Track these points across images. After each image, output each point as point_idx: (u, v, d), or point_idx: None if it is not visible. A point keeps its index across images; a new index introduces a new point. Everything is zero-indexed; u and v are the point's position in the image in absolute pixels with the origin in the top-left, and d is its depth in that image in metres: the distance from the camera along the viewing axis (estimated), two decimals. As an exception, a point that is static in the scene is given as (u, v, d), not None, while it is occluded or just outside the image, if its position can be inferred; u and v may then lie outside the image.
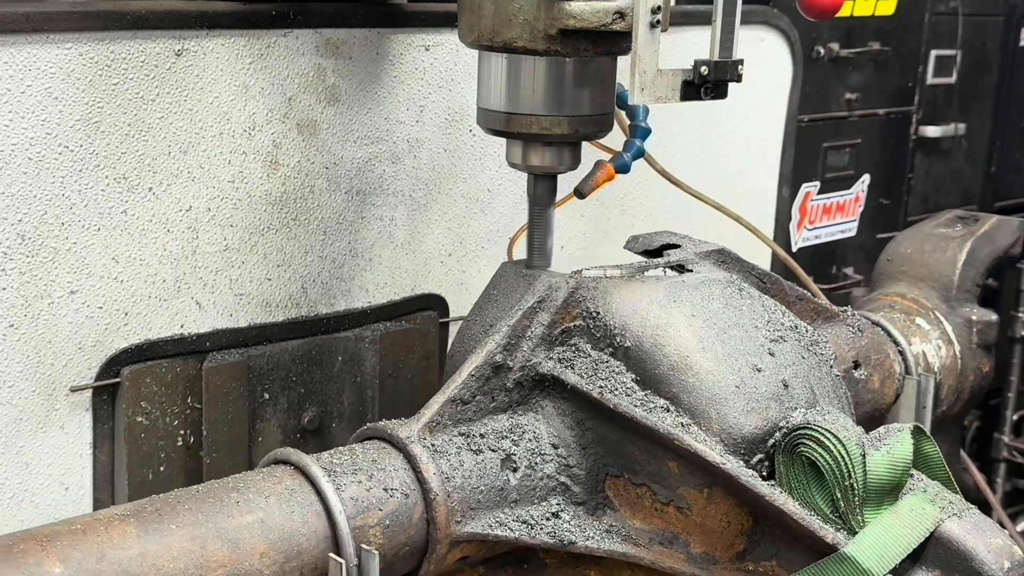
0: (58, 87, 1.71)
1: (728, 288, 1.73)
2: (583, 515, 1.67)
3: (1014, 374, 3.85)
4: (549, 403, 1.69)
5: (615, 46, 1.72)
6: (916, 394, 2.14)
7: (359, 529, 1.50)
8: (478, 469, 1.61)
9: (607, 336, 1.66)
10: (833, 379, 1.74)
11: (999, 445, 3.90)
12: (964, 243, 2.30)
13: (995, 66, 3.69)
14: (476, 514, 1.59)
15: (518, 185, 2.28)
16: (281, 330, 2.03)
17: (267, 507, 1.47)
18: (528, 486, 1.64)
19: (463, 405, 1.64)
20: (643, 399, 1.61)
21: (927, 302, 2.28)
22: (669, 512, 1.62)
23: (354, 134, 2.06)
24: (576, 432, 1.67)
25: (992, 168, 3.78)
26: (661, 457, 1.60)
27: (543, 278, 1.71)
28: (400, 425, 1.60)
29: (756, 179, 2.90)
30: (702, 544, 1.61)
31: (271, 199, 1.98)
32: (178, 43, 1.82)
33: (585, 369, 1.65)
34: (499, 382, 1.66)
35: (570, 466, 1.67)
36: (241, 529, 1.44)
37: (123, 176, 1.80)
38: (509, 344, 1.66)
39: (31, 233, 1.73)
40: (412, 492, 1.56)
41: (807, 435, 1.56)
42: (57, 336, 1.78)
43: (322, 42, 1.98)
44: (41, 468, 1.81)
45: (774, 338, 1.68)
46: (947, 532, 1.50)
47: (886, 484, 1.52)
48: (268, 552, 1.44)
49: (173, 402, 1.90)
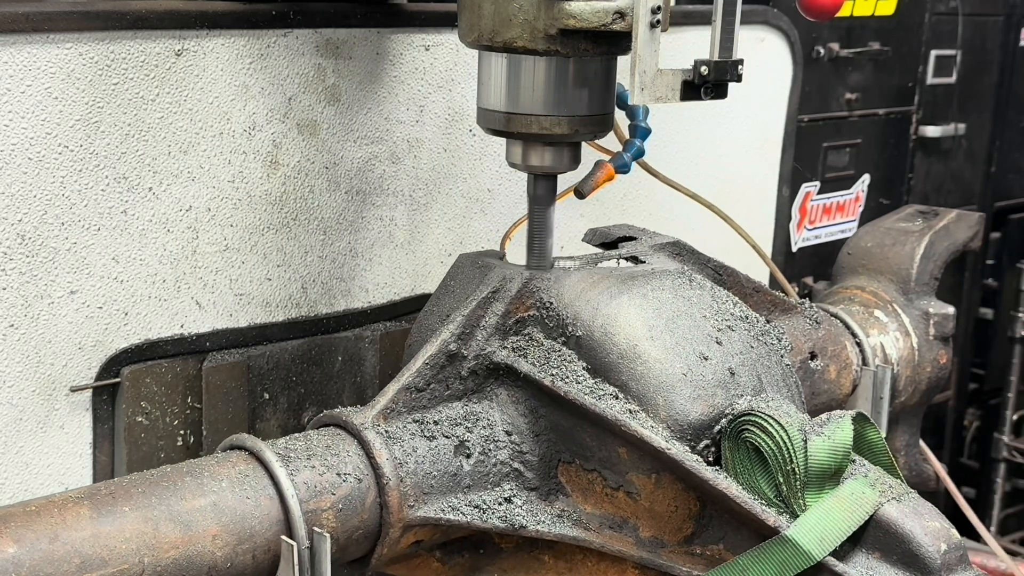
0: (58, 87, 1.71)
1: (678, 279, 1.77)
2: (535, 500, 1.70)
3: (1014, 374, 3.86)
4: (503, 391, 1.72)
5: (615, 46, 1.72)
6: (873, 385, 2.18)
7: (312, 513, 1.53)
8: (431, 455, 1.64)
9: (559, 326, 1.70)
10: (783, 368, 1.78)
11: (999, 445, 3.91)
12: (922, 237, 2.34)
13: (995, 66, 3.69)
14: (429, 499, 1.63)
15: (518, 185, 2.28)
16: (281, 330, 2.03)
17: (220, 490, 1.50)
18: (481, 472, 1.68)
19: (417, 393, 1.67)
20: (593, 387, 1.64)
21: (885, 295, 2.31)
22: (619, 497, 1.66)
23: (354, 134, 2.06)
24: (529, 419, 1.71)
25: (992, 168, 3.78)
26: (611, 443, 1.64)
27: (497, 269, 1.76)
28: (355, 412, 1.64)
29: (756, 179, 2.90)
30: (651, 528, 1.65)
31: (271, 199, 1.98)
32: (178, 43, 1.82)
33: (538, 358, 1.69)
34: (453, 370, 1.70)
35: (523, 452, 1.71)
36: (194, 512, 1.47)
37: (123, 176, 1.80)
38: (463, 333, 1.70)
39: (31, 233, 1.73)
40: (365, 477, 1.59)
41: (751, 421, 1.60)
42: (57, 336, 1.78)
43: (322, 42, 1.98)
44: (41, 468, 1.81)
45: (722, 327, 1.72)
46: (886, 515, 1.54)
47: (827, 469, 1.56)
48: (220, 534, 1.47)
49: (173, 402, 1.90)
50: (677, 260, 1.92)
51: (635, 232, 1.99)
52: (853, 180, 3.24)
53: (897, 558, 1.52)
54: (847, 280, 2.38)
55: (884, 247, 2.35)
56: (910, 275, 2.31)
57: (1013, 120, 3.83)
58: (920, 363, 2.29)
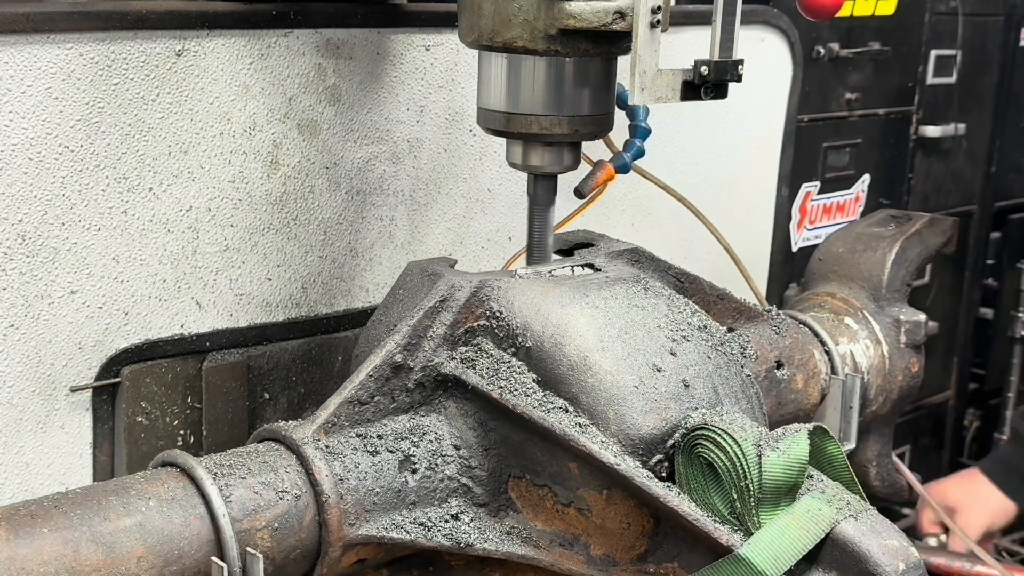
0: (58, 87, 1.71)
1: (633, 287, 1.72)
2: (484, 517, 1.64)
3: (1014, 374, 3.86)
4: (452, 404, 1.66)
5: (615, 46, 1.72)
6: (842, 394, 2.10)
7: (245, 532, 1.47)
8: (374, 471, 1.58)
9: (509, 336, 1.64)
10: (743, 379, 1.72)
11: (999, 445, 3.91)
12: (894, 243, 2.26)
13: (995, 66, 3.69)
14: (371, 516, 1.57)
15: (518, 185, 2.29)
16: (281, 330, 2.03)
17: (147, 510, 1.44)
18: (428, 488, 1.62)
19: (361, 406, 1.61)
20: (542, 399, 1.58)
21: (856, 301, 2.23)
22: (570, 514, 1.60)
23: (354, 134, 2.06)
24: (479, 433, 1.65)
25: (992, 168, 3.78)
26: (561, 458, 1.58)
27: (446, 277, 1.69)
28: (295, 426, 1.58)
29: (756, 179, 2.90)
30: (602, 546, 1.59)
31: (271, 199, 1.98)
32: (178, 43, 1.82)
33: (487, 369, 1.63)
34: (399, 382, 1.64)
35: (472, 467, 1.64)
36: (118, 533, 1.41)
37: (123, 176, 1.80)
38: (410, 344, 1.64)
39: (31, 233, 1.73)
40: (304, 494, 1.53)
41: (704, 436, 1.54)
42: (57, 336, 1.78)
43: (322, 42, 1.98)
44: (41, 468, 1.81)
45: (676, 338, 1.66)
46: (843, 533, 1.48)
47: (782, 485, 1.50)
48: (146, 556, 1.41)
49: (173, 402, 1.90)
50: (636, 267, 1.85)
51: (593, 238, 1.93)
52: (853, 180, 3.24)
53: None
54: (818, 286, 2.30)
55: (855, 253, 2.27)
56: (881, 281, 2.23)
57: (1013, 120, 3.83)
58: (891, 372, 2.21)
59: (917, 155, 3.47)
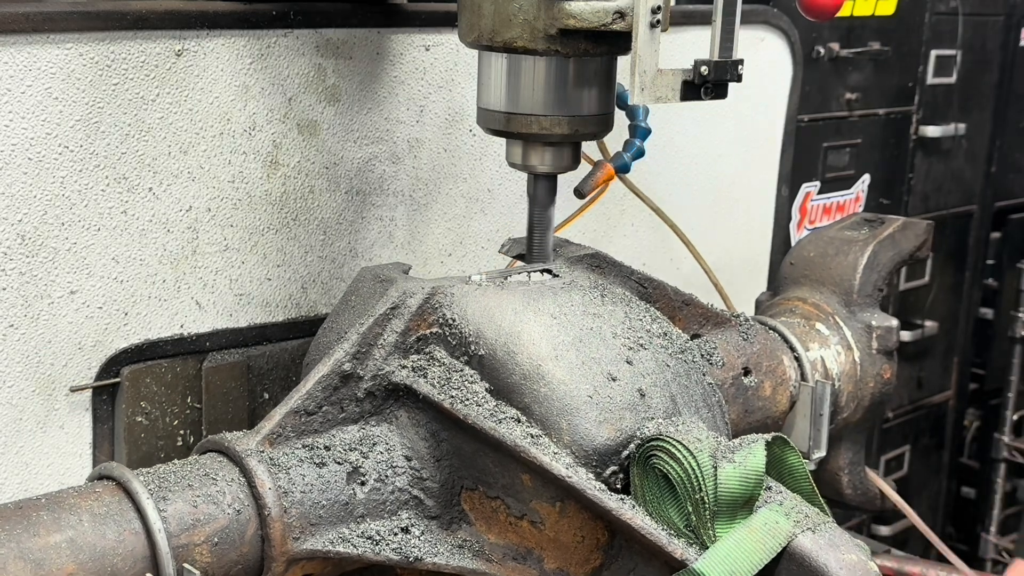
0: (58, 87, 1.71)
1: (589, 294, 1.68)
2: (436, 529, 1.61)
3: (1014, 374, 3.86)
4: (404, 413, 1.63)
5: (615, 46, 1.72)
6: (811, 401, 2.05)
7: (183, 548, 1.44)
8: (320, 483, 1.54)
9: (462, 344, 1.61)
10: (704, 387, 1.69)
11: (999, 445, 3.91)
12: (866, 247, 2.20)
13: (995, 66, 3.69)
14: (317, 530, 1.53)
15: (518, 185, 2.29)
16: (281, 330, 2.03)
17: (79, 525, 1.40)
18: (377, 500, 1.58)
19: (308, 416, 1.58)
20: (494, 410, 1.55)
21: (828, 307, 2.17)
22: (523, 526, 1.56)
23: (354, 134, 2.06)
24: (430, 444, 1.61)
25: (992, 168, 3.78)
26: (513, 470, 1.54)
27: (398, 283, 1.66)
28: (239, 437, 1.55)
29: (756, 179, 2.90)
30: (556, 559, 1.56)
31: (271, 199, 1.98)
32: (178, 43, 1.82)
33: (438, 378, 1.59)
34: (348, 392, 1.61)
35: (423, 479, 1.61)
36: (47, 549, 1.37)
37: (123, 176, 1.80)
38: (359, 352, 1.60)
39: (31, 233, 1.73)
40: (245, 508, 1.50)
41: (659, 447, 1.50)
42: (57, 336, 1.78)
43: (322, 42, 1.98)
44: (41, 468, 1.81)
45: (633, 346, 1.62)
46: (800, 547, 1.45)
47: (738, 497, 1.47)
48: (77, 573, 1.37)
49: (173, 402, 1.90)
50: (596, 273, 1.82)
51: (555, 243, 1.89)
52: (853, 180, 3.24)
53: None
54: (789, 291, 2.23)
55: (827, 257, 2.21)
56: (853, 286, 2.17)
57: (1013, 120, 3.83)
58: (863, 378, 2.16)
59: (917, 155, 3.47)
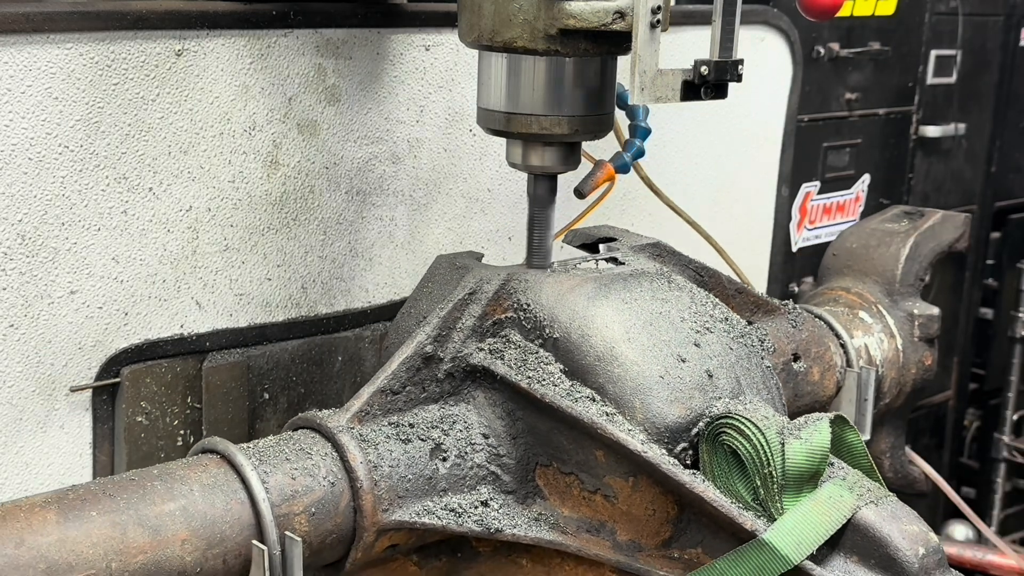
0: (58, 87, 1.71)
1: (657, 280, 1.76)
2: (512, 504, 1.69)
3: (1014, 374, 3.86)
4: (480, 393, 1.71)
5: (615, 46, 1.72)
6: (857, 386, 2.15)
7: (284, 517, 1.52)
8: (406, 458, 1.63)
9: (537, 328, 1.69)
10: (763, 370, 1.77)
11: (999, 445, 3.91)
12: (908, 238, 2.32)
13: (995, 66, 3.69)
14: (404, 502, 1.61)
15: (518, 185, 2.28)
16: (281, 330, 2.03)
17: (190, 495, 1.49)
18: (457, 475, 1.66)
19: (393, 395, 1.66)
20: (570, 389, 1.63)
21: (870, 296, 2.30)
22: (596, 500, 1.64)
23: (354, 134, 2.06)
24: (507, 422, 1.69)
25: (992, 168, 3.78)
26: (588, 446, 1.62)
27: (475, 271, 1.75)
28: (330, 415, 1.63)
29: (756, 179, 2.90)
30: (628, 532, 1.63)
31: (271, 199, 1.98)
32: (178, 43, 1.82)
33: (514, 360, 1.67)
34: (430, 373, 1.69)
35: (500, 455, 1.69)
36: (163, 516, 1.45)
37: (123, 176, 1.80)
38: (440, 335, 1.69)
39: (31, 233, 1.73)
40: (339, 481, 1.58)
41: (728, 424, 1.58)
42: (57, 336, 1.78)
43: (322, 42, 1.98)
44: (41, 468, 1.81)
45: (700, 329, 1.70)
46: (864, 519, 1.53)
47: (804, 472, 1.54)
48: (190, 539, 1.46)
49: (173, 402, 1.90)
50: (657, 261, 1.91)
51: (616, 233, 1.98)
52: (853, 180, 3.24)
53: (875, 562, 1.51)
54: (832, 281, 2.36)
55: (869, 248, 2.33)
56: (895, 276, 2.29)
57: (1013, 120, 3.82)
58: (905, 364, 2.27)
59: (917, 155, 3.46)
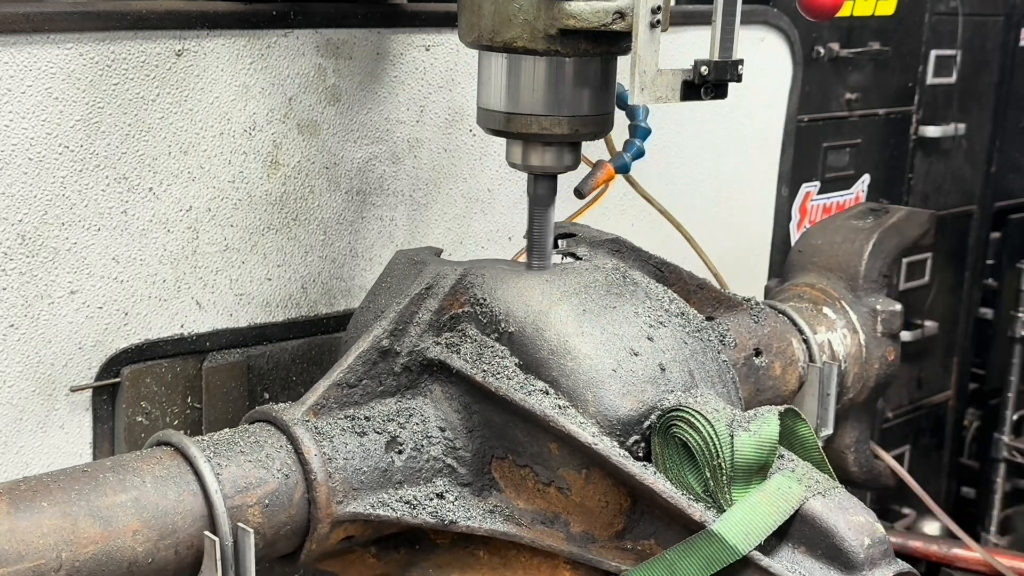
0: (58, 87, 1.71)
1: (612, 275, 1.78)
2: (468, 496, 1.71)
3: (1014, 374, 3.86)
4: (437, 387, 1.72)
5: (615, 46, 1.72)
6: (819, 381, 2.17)
7: (237, 508, 1.53)
8: (362, 451, 1.64)
9: (492, 322, 1.71)
10: (719, 364, 1.78)
11: (999, 445, 3.91)
12: (872, 234, 2.34)
13: (995, 66, 3.69)
14: (359, 494, 1.63)
15: (518, 185, 2.29)
16: (281, 330, 2.03)
17: (142, 486, 1.49)
18: (413, 468, 1.68)
19: (349, 389, 1.67)
20: (524, 382, 1.65)
21: (834, 292, 2.31)
22: (550, 493, 1.66)
23: (354, 134, 2.06)
24: (463, 415, 1.71)
25: (992, 168, 3.78)
26: (542, 439, 1.64)
27: (432, 266, 1.76)
28: (285, 408, 1.64)
29: (756, 179, 2.90)
30: (582, 523, 1.65)
31: (271, 199, 1.98)
32: (178, 43, 1.82)
33: (470, 354, 1.69)
34: (386, 366, 1.70)
35: (456, 448, 1.71)
36: (114, 507, 1.46)
37: (123, 176, 1.80)
38: (396, 330, 1.70)
39: (31, 233, 1.73)
40: (293, 473, 1.59)
41: (679, 417, 1.60)
42: (57, 336, 1.78)
43: (322, 42, 1.98)
44: (41, 468, 1.81)
45: (654, 324, 1.72)
46: (811, 510, 1.54)
47: (753, 464, 1.56)
48: (141, 530, 1.47)
49: (173, 402, 1.91)
50: (616, 257, 1.92)
51: (576, 229, 2.00)
52: (853, 180, 3.24)
53: (822, 552, 1.53)
54: (798, 277, 2.39)
55: (834, 244, 2.35)
56: (859, 272, 2.30)
57: (1013, 120, 3.83)
58: (868, 360, 2.29)
59: (917, 155, 3.47)
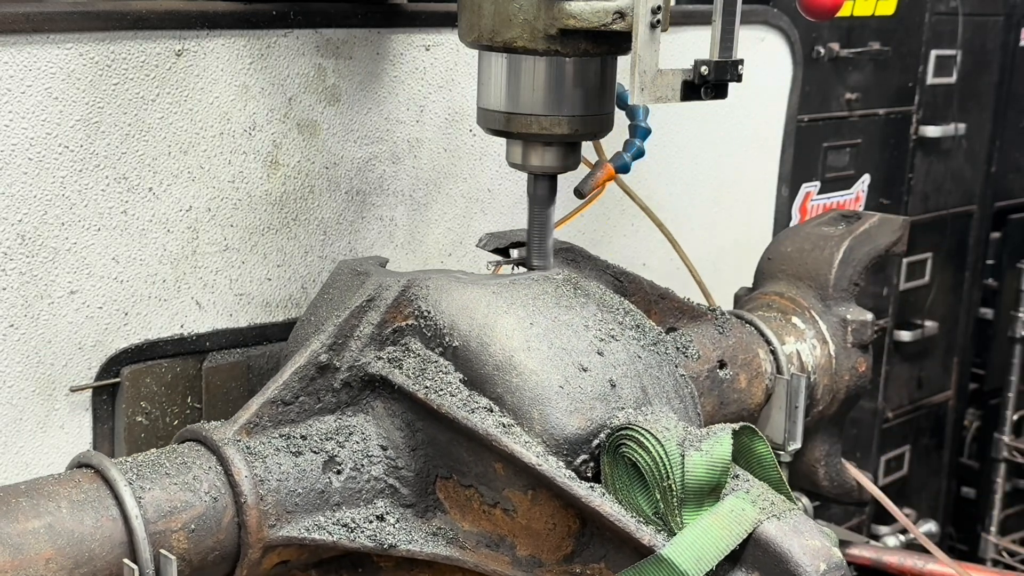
0: (58, 87, 1.71)
1: (562, 287, 1.71)
2: (411, 518, 1.63)
3: (1014, 374, 3.86)
4: (379, 404, 1.65)
5: (615, 46, 1.72)
6: (787, 394, 2.08)
7: (160, 534, 1.47)
8: (296, 471, 1.57)
9: (437, 336, 1.63)
10: (676, 379, 1.71)
11: (999, 445, 3.91)
12: (842, 242, 2.23)
13: (995, 66, 3.69)
14: (293, 517, 1.56)
15: (518, 185, 2.28)
16: (281, 330, 2.03)
17: (57, 512, 1.43)
18: (353, 488, 1.61)
19: (285, 406, 1.60)
20: (467, 399, 1.57)
21: (803, 301, 2.20)
22: (496, 514, 1.59)
23: (354, 134, 2.06)
24: (406, 433, 1.64)
25: (992, 168, 3.78)
26: (486, 459, 1.57)
27: (374, 277, 1.69)
28: (216, 427, 1.58)
29: (756, 179, 2.90)
30: (528, 547, 1.59)
31: (271, 199, 1.98)
32: (178, 43, 1.82)
33: (413, 369, 1.62)
34: (325, 382, 1.63)
35: (399, 468, 1.63)
36: (26, 534, 1.39)
37: (123, 176, 1.80)
38: (336, 344, 1.63)
39: (31, 233, 1.73)
40: (222, 496, 1.52)
41: (628, 436, 1.53)
42: (57, 336, 1.78)
43: (322, 42, 1.98)
44: (41, 468, 1.81)
45: (604, 337, 1.65)
46: (765, 533, 1.48)
47: (705, 485, 1.50)
48: (55, 557, 1.40)
49: (173, 402, 1.91)
50: (571, 267, 1.85)
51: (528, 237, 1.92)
52: (853, 180, 3.24)
53: None
54: (767, 286, 2.27)
55: (803, 252, 2.24)
56: (828, 281, 2.19)
57: (1013, 120, 3.83)
58: (838, 371, 2.19)
59: (917, 155, 3.47)
